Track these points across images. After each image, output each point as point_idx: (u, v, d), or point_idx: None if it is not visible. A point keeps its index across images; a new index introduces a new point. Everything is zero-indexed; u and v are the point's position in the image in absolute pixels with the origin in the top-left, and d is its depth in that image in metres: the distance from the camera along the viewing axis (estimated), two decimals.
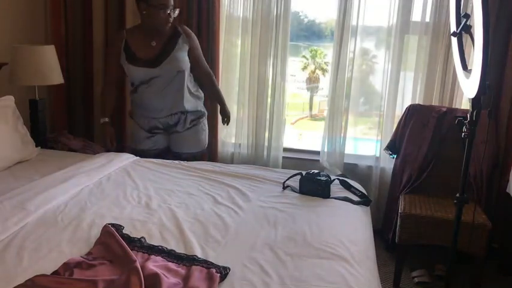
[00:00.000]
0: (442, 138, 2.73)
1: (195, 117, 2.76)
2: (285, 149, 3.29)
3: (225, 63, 3.17)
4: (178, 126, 2.72)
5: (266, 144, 3.25)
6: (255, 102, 3.18)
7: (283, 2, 3.01)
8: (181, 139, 2.77)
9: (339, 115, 3.10)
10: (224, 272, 1.41)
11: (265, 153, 3.25)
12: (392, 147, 2.92)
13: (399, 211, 2.48)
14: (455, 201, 1.98)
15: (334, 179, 2.28)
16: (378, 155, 3.14)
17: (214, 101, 2.96)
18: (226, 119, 2.86)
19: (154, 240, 1.62)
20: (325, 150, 3.18)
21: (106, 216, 1.80)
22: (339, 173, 3.06)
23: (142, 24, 2.59)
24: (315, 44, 5.27)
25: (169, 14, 2.50)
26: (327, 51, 5.49)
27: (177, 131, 2.74)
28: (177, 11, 2.56)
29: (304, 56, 6.09)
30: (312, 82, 6.42)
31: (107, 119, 2.66)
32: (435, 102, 2.94)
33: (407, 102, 2.98)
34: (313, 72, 6.46)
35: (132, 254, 1.46)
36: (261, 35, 3.07)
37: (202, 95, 2.83)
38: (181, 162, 2.53)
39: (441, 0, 2.81)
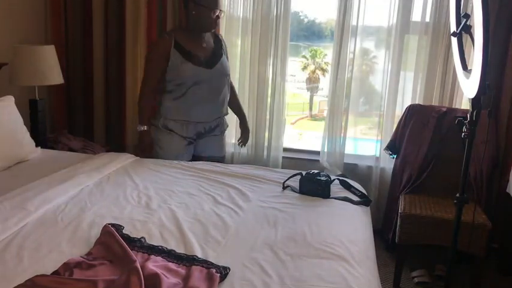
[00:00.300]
0: (442, 138, 2.73)
1: (225, 120, 2.77)
2: (285, 149, 3.29)
3: None
4: (217, 129, 2.70)
5: (266, 144, 3.25)
6: (255, 102, 3.18)
7: (283, 2, 3.01)
8: (212, 142, 2.72)
9: (339, 115, 3.10)
10: (224, 272, 1.40)
11: (265, 153, 3.25)
12: (392, 147, 2.92)
13: (399, 211, 2.48)
14: (455, 201, 1.98)
15: (334, 179, 2.28)
16: (378, 155, 3.14)
17: (234, 111, 2.89)
18: (243, 139, 2.86)
19: (154, 240, 1.62)
20: (325, 150, 3.18)
21: (106, 216, 1.79)
22: (339, 173, 3.06)
23: (188, 26, 2.51)
24: (315, 44, 5.28)
25: (217, 15, 2.47)
26: (327, 51, 5.50)
27: (214, 135, 2.70)
28: (222, 13, 2.54)
29: (304, 56, 6.10)
30: (312, 82, 6.44)
31: (146, 127, 2.60)
32: (435, 102, 2.94)
33: (407, 102, 2.98)
34: (313, 72, 6.48)
35: (132, 254, 1.45)
36: (261, 35, 3.08)
37: None
38: (181, 162, 2.53)
39: (441, 0, 2.81)
